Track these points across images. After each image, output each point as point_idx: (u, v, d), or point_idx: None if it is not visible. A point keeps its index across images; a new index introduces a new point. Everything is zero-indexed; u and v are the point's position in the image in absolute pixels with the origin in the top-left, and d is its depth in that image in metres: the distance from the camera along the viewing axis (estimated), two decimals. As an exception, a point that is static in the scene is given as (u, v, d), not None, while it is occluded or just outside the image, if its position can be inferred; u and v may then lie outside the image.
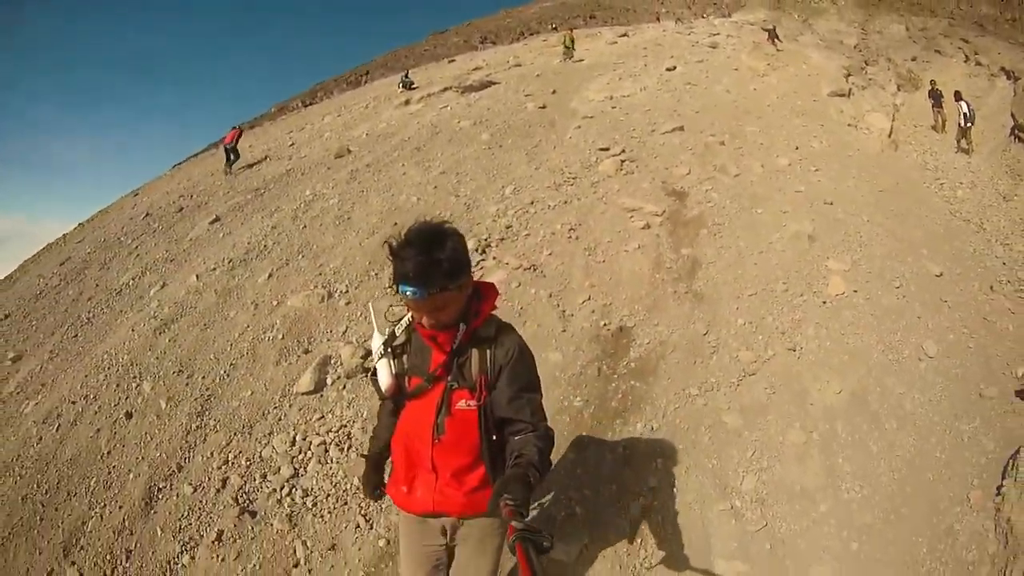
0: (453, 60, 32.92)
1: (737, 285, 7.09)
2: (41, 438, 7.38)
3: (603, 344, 6.22)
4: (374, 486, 3.08)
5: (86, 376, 8.48)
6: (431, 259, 2.41)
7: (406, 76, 26.29)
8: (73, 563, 5.70)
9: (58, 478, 6.64)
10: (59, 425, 7.52)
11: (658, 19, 39.54)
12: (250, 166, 18.81)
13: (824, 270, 7.19)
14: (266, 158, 19.20)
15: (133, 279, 11.31)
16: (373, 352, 2.88)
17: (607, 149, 11.22)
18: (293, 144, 20.29)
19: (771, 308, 6.64)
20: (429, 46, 45.28)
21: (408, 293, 2.43)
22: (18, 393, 8.53)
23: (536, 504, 4.76)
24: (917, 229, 9.00)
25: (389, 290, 2.62)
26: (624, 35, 29.69)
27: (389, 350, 2.82)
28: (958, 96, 15.07)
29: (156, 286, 10.59)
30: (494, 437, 2.68)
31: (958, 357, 6.27)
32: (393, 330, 2.88)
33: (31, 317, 11.07)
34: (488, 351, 2.69)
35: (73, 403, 7.99)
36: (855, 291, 6.85)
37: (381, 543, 4.91)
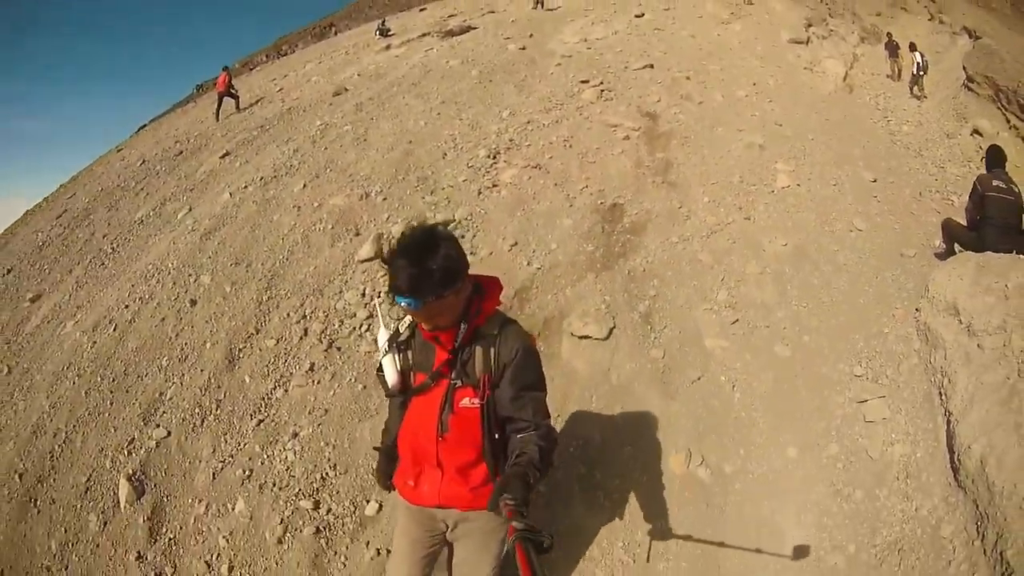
0: (424, 8, 33.47)
1: (702, 177, 8.70)
2: (95, 342, 8.31)
3: (602, 214, 7.84)
4: (387, 477, 3.24)
5: (132, 285, 9.43)
6: (423, 269, 2.49)
7: (383, 23, 26.96)
8: (158, 425, 6.72)
9: (124, 367, 7.61)
10: (116, 326, 8.51)
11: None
12: (241, 109, 19.60)
13: (772, 170, 8.82)
14: (258, 102, 19.89)
15: (152, 211, 12.10)
16: (379, 348, 3.00)
17: (587, 81, 12.70)
18: (281, 89, 20.96)
19: (729, 192, 8.27)
20: None
21: (403, 304, 2.54)
22: (49, 322, 9.48)
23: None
24: (857, 148, 10.54)
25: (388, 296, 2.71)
26: (592, -17, 30.91)
27: (394, 346, 2.93)
28: (913, 47, 16.36)
29: (183, 211, 11.46)
30: (496, 435, 2.80)
31: (884, 233, 7.73)
32: (397, 327, 3.02)
33: (39, 264, 11.73)
34: (492, 349, 2.76)
35: (126, 307, 8.93)
36: (798, 185, 8.47)
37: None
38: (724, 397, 5.46)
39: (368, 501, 5.42)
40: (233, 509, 5.75)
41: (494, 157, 9.79)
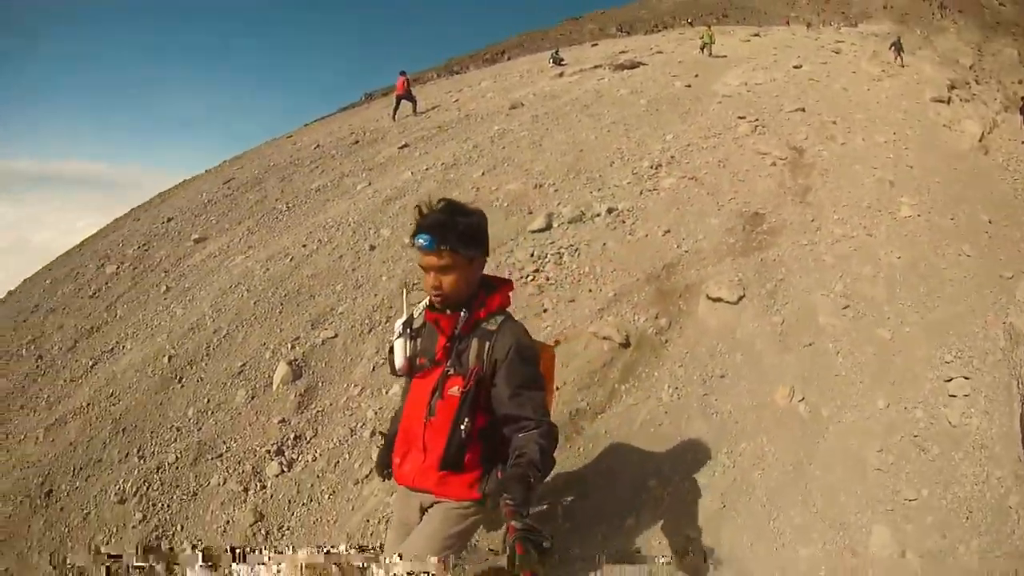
0: (596, 44, 35.68)
1: (835, 201, 9.74)
2: (268, 269, 9.34)
3: (745, 218, 9.06)
4: (384, 467, 3.30)
5: (310, 232, 10.41)
6: (450, 218, 2.63)
7: (556, 53, 28.55)
8: (326, 329, 7.68)
9: (296, 288, 8.68)
10: (292, 258, 9.50)
11: (787, 23, 41.65)
12: (417, 113, 20.72)
13: (898, 202, 9.74)
14: (434, 108, 21.21)
15: (331, 182, 13.40)
16: (394, 332, 3.04)
17: (743, 117, 13.96)
18: (457, 100, 22.27)
19: (857, 214, 9.29)
20: (564, 31, 47.19)
21: (420, 242, 2.61)
22: (215, 257, 10.60)
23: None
24: (979, 193, 11.07)
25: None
26: (756, 35, 32.57)
27: (407, 331, 2.98)
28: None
29: (362, 184, 12.75)
30: (465, 429, 2.77)
31: (989, 260, 8.25)
32: (412, 313, 3.05)
33: (204, 216, 12.99)
34: (487, 343, 2.78)
35: (303, 246, 9.89)
36: (918, 215, 9.36)
37: (611, 293, 7.44)
38: (829, 360, 6.35)
39: None
40: (387, 392, 6.65)
41: (656, 168, 11.04)
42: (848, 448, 5.30)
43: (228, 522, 5.55)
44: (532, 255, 8.50)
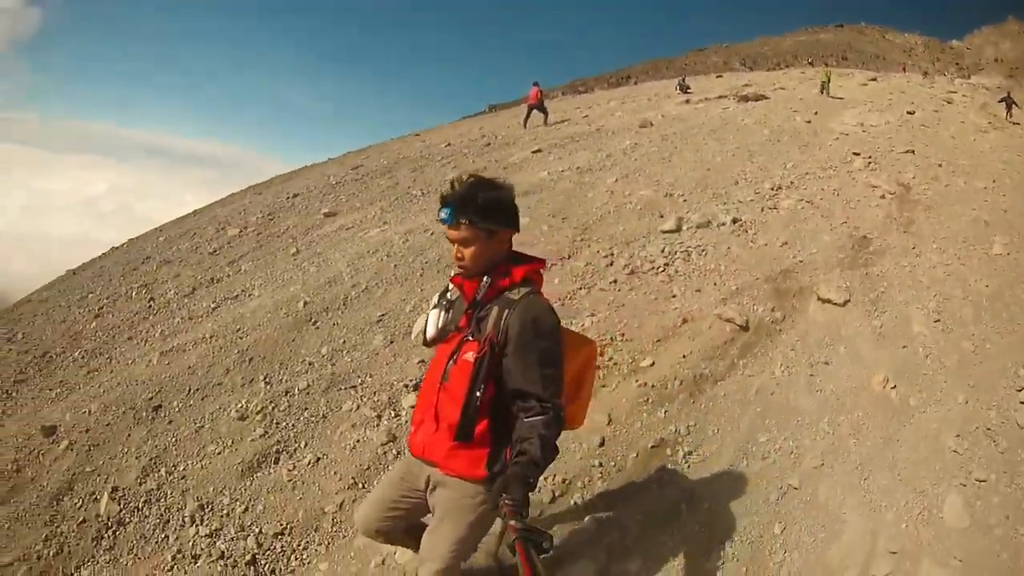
0: (720, 76, 36.68)
1: (935, 233, 10.45)
2: (408, 240, 9.94)
3: (854, 240, 9.88)
4: None
5: None
6: (471, 194, 2.65)
7: (683, 80, 29.51)
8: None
9: (437, 257, 9.21)
10: (431, 232, 10.06)
11: (904, 70, 41.90)
12: (548, 124, 21.60)
13: (991, 240, 10.34)
14: (564, 121, 22.10)
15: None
16: (430, 304, 3.00)
17: (858, 154, 14.73)
18: (587, 116, 23.26)
19: (953, 246, 9.96)
20: (689, 61, 48.12)
21: (442, 215, 2.67)
22: (348, 229, 11.26)
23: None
24: None
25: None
26: (874, 79, 33.48)
27: (442, 302, 2.95)
28: None
29: (510, 180, 13.87)
30: (480, 397, 2.73)
31: None
32: (448, 286, 3.01)
33: (332, 195, 13.61)
34: (507, 312, 2.73)
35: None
36: (1007, 253, 9.92)
37: (734, 287, 8.33)
38: (919, 360, 7.13)
39: (643, 357, 6.85)
40: None
41: (776, 190, 11.94)
42: (930, 431, 5.91)
43: (358, 441, 5.88)
44: (663, 251, 9.14)
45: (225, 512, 5.09)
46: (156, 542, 5.19)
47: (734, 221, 10.38)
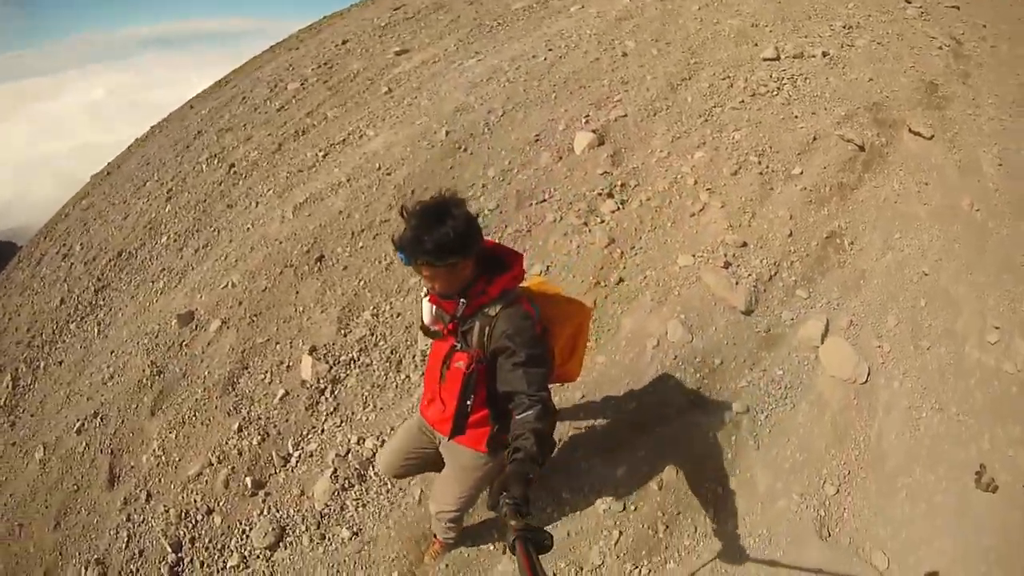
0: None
1: (990, 91, 11.36)
2: (519, 67, 9.99)
3: (925, 84, 10.75)
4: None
5: (548, 40, 10.89)
6: (417, 237, 2.58)
7: None
8: (614, 108, 8.65)
9: (563, 79, 9.44)
10: (543, 58, 10.15)
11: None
12: None
13: None
14: None
15: (536, 3, 13.47)
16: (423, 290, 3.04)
17: (910, 2, 14.84)
18: None
19: (1005, 105, 10.94)
20: None
21: (400, 256, 2.68)
22: (432, 63, 11.15)
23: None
24: None
25: None
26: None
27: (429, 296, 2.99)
28: None
29: (575, 6, 12.82)
30: (470, 404, 3.00)
31: None
32: None
33: (382, 38, 13.05)
34: (487, 329, 2.83)
35: (549, 50, 10.33)
36: None
37: (842, 113, 9.25)
38: (991, 192, 8.38)
39: (792, 166, 7.76)
40: (692, 156, 7.71)
41: (848, 28, 12.20)
42: (1005, 248, 7.44)
43: (578, 247, 6.24)
44: (771, 76, 9.65)
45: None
46: (395, 387, 5.48)
47: (824, 55, 10.91)
